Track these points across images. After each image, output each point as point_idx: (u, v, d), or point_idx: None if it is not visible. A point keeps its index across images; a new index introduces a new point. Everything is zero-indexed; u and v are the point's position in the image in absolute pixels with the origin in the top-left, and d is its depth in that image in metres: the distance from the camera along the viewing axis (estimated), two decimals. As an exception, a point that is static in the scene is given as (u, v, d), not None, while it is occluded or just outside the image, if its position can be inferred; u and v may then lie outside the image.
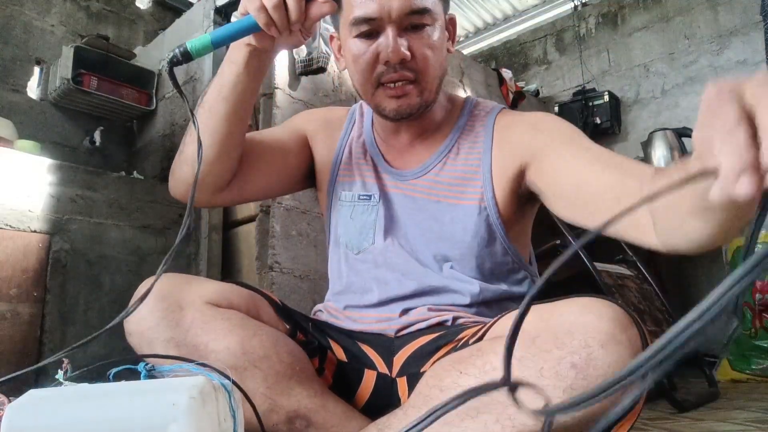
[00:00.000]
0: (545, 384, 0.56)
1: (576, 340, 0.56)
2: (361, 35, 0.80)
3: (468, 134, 0.90)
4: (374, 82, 0.82)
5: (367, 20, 0.78)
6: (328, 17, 0.89)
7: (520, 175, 0.84)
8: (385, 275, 0.88)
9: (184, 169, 0.84)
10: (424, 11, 0.79)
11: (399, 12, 0.77)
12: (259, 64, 0.79)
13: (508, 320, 0.68)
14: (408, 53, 0.78)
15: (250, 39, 0.74)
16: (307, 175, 0.99)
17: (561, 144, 0.79)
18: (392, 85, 0.81)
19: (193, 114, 0.71)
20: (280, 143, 0.94)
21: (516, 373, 0.57)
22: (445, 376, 0.64)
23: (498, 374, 0.58)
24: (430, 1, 0.81)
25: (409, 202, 0.89)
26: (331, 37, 0.92)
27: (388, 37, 0.78)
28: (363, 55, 0.80)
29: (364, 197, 0.91)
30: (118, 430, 0.40)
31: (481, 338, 0.70)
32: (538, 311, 0.63)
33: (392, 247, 0.89)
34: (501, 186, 0.85)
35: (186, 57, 0.68)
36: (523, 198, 0.86)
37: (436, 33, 0.82)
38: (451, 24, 0.91)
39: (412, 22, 0.79)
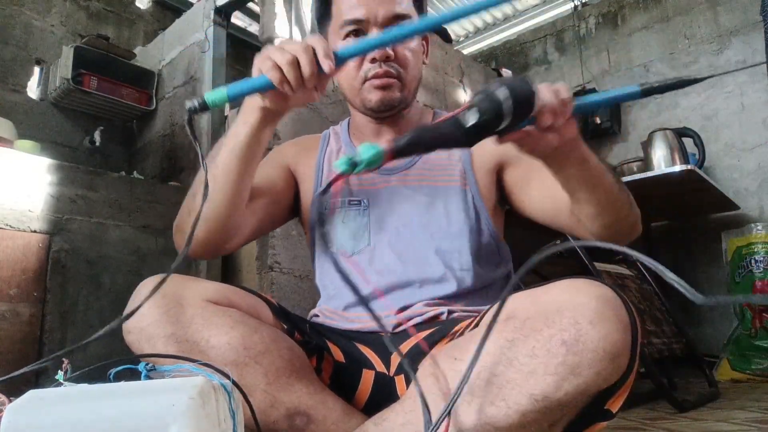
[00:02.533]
0: (538, 362, 0.57)
1: (565, 318, 0.58)
2: (350, 37, 0.92)
3: None
4: (361, 79, 0.92)
5: (355, 22, 0.91)
6: (316, 28, 1.02)
7: (498, 171, 0.96)
8: (380, 269, 0.91)
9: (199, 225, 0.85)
10: (405, 17, 0.92)
11: (384, 15, 0.90)
12: (271, 123, 0.82)
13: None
14: (391, 52, 0.90)
15: (263, 101, 0.76)
16: (294, 204, 1.05)
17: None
18: (377, 78, 0.91)
19: (204, 162, 0.71)
20: (271, 183, 0.99)
21: (509, 354, 0.59)
22: (440, 364, 0.65)
23: (491, 358, 0.59)
24: (410, 10, 0.94)
25: (403, 190, 0.95)
26: None
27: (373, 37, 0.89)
28: None
29: (354, 202, 0.96)
30: (117, 430, 0.40)
31: (476, 326, 0.71)
32: (528, 295, 0.65)
33: (387, 243, 0.92)
34: (481, 173, 0.96)
35: (203, 108, 0.70)
36: (499, 190, 0.98)
37: (414, 40, 0.95)
38: (425, 41, 1.03)
39: (395, 26, 0.90)
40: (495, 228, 0.96)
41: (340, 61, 0.70)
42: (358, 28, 0.91)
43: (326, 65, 0.69)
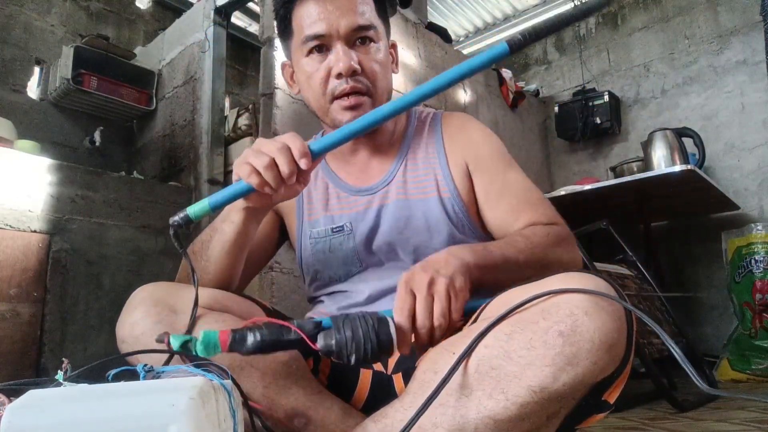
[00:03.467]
0: (535, 354, 0.58)
1: (562, 310, 0.58)
2: (313, 53, 0.89)
3: (418, 137, 0.97)
4: (329, 97, 0.88)
5: (317, 37, 0.87)
6: (281, 46, 0.99)
7: (469, 174, 0.93)
8: (372, 278, 0.91)
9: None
10: (369, 27, 0.89)
11: (346, 28, 0.86)
12: (256, 219, 0.83)
13: (499, 301, 0.70)
14: (358, 66, 0.86)
15: (247, 202, 0.77)
16: (283, 236, 1.05)
17: (496, 168, 0.92)
18: (346, 97, 0.87)
19: (193, 272, 0.74)
20: (258, 233, 0.98)
21: (506, 347, 0.60)
22: (438, 359, 0.65)
23: (489, 352, 0.60)
24: (374, 20, 0.90)
25: (384, 210, 0.92)
26: (284, 65, 0.99)
27: (338, 51, 0.86)
28: (316, 72, 0.88)
29: (337, 229, 0.94)
30: (117, 430, 0.40)
31: (475, 321, 0.72)
32: (524, 289, 0.65)
33: (377, 263, 0.92)
34: (459, 178, 0.92)
35: (187, 222, 0.73)
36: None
37: (381, 51, 0.91)
38: (393, 49, 0.99)
39: (359, 38, 0.88)
40: (482, 230, 0.93)
41: (316, 156, 0.72)
42: (321, 43, 0.88)
43: (303, 163, 0.70)
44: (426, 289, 0.67)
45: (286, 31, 0.94)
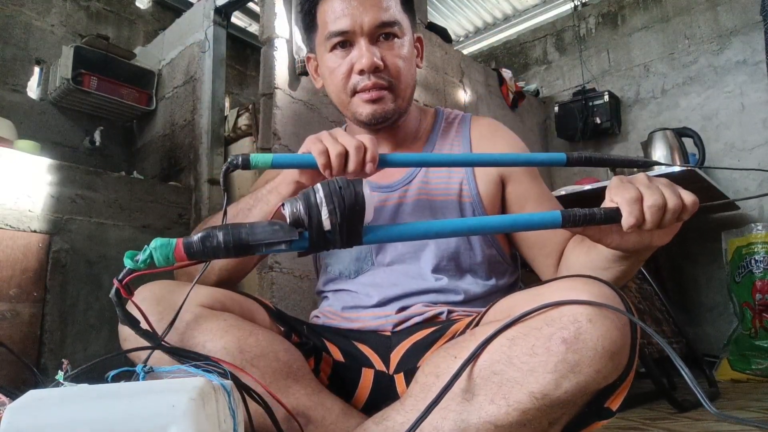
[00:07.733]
0: (538, 360, 0.57)
1: (565, 316, 0.58)
2: (336, 48, 0.89)
3: (444, 139, 0.98)
4: (350, 91, 0.90)
5: (340, 33, 0.88)
6: (305, 40, 1.00)
7: (501, 184, 0.94)
8: (382, 283, 0.91)
9: (213, 279, 0.86)
10: (393, 24, 0.89)
11: (370, 24, 0.87)
12: None
13: (501, 305, 0.70)
14: (381, 62, 0.87)
15: (300, 176, 0.77)
16: None
17: (531, 178, 0.95)
18: (368, 91, 0.88)
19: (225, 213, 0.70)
20: None
21: (509, 353, 0.59)
22: (440, 362, 0.65)
23: (491, 357, 0.60)
24: (399, 15, 0.90)
25: (403, 207, 0.93)
26: (308, 58, 0.99)
27: (361, 48, 0.87)
28: (339, 67, 0.89)
29: None
30: (117, 431, 0.40)
31: (477, 325, 0.72)
32: (529, 294, 0.65)
33: (389, 263, 0.92)
34: (484, 184, 0.93)
35: (245, 166, 0.70)
36: (502, 201, 0.95)
37: (405, 46, 0.91)
38: (418, 42, 0.99)
39: (383, 34, 0.89)
40: (500, 238, 0.93)
41: (383, 164, 0.73)
42: (345, 39, 0.88)
43: (369, 167, 0.71)
44: (646, 179, 0.65)
45: (310, 25, 0.94)
